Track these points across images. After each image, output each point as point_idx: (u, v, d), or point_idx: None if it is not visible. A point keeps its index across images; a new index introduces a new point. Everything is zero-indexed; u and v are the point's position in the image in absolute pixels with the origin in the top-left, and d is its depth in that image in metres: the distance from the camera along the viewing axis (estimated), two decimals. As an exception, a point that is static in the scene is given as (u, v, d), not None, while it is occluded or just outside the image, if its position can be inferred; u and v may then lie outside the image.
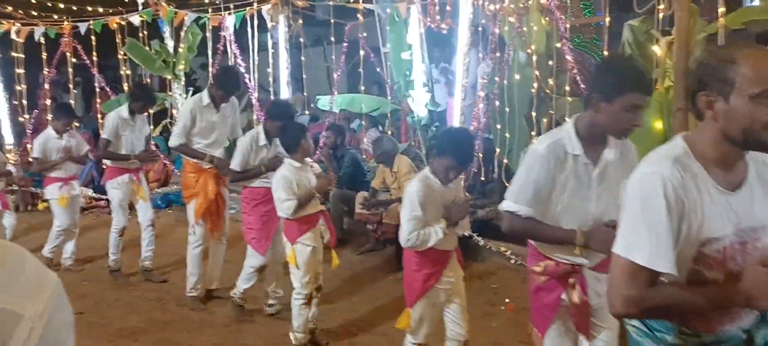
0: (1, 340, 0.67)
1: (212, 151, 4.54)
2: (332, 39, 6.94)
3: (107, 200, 7.86)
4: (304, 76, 7.33)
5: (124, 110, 5.01)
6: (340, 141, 6.42)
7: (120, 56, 8.10)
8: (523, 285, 4.86)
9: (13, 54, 8.10)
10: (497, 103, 5.20)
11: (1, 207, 6.01)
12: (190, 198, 4.60)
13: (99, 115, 8.49)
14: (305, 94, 7.73)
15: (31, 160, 5.74)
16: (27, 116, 8.38)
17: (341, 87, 9.32)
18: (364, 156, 7.36)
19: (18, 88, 8.24)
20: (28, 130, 8.46)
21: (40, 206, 8.53)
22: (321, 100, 7.59)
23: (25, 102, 8.35)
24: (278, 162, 4.03)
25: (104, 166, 5.76)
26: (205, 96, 4.55)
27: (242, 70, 7.13)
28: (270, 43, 7.03)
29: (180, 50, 7.60)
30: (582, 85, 4.95)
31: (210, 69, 7.73)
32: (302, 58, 7.22)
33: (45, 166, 5.50)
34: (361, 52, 7.00)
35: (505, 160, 5.58)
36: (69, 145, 5.55)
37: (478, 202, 5.91)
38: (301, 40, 7.07)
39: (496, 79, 5.24)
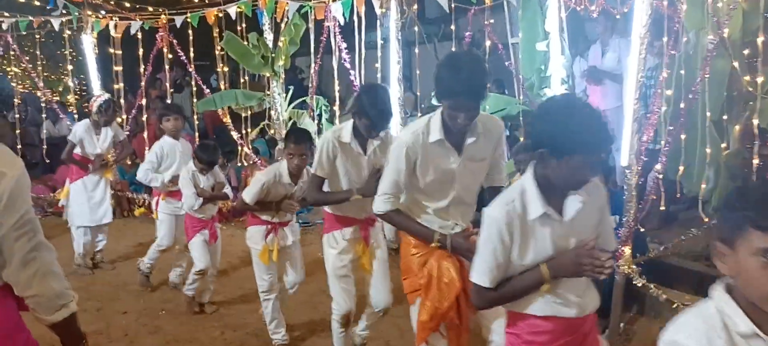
0: None
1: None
2: (452, 27, 5.83)
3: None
4: (417, 71, 6.27)
5: (344, 131, 3.17)
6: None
7: (217, 52, 7.44)
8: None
9: (111, 50, 7.67)
10: (681, 105, 3.86)
11: (209, 238, 4.56)
12: (414, 294, 2.71)
13: (195, 116, 7.93)
14: (418, 93, 6.69)
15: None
16: (124, 117, 7.94)
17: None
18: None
19: (115, 86, 7.80)
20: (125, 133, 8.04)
21: (137, 211, 8.12)
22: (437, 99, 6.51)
23: (122, 102, 7.90)
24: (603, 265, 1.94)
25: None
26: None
27: (347, 66, 6.21)
28: (379, 32, 6.01)
29: (280, 44, 6.79)
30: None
31: (313, 66, 6.86)
32: (416, 50, 6.16)
33: (247, 207, 3.84)
34: (487, 43, 5.84)
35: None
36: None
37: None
38: (416, 29, 6.00)
39: (683, 71, 3.91)
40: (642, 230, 4.04)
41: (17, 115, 8.58)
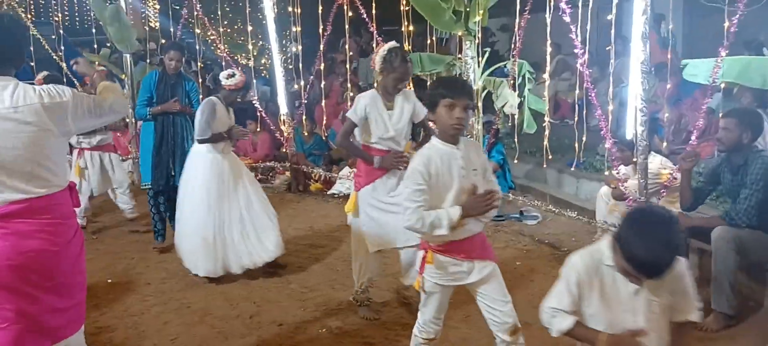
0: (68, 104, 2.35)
1: None
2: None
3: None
4: (670, 26, 4.59)
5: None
6: (747, 138, 3.62)
7: (402, 7, 6.38)
8: None
9: (290, 9, 7.00)
10: None
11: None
12: None
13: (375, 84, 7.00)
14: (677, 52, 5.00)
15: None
16: (301, 83, 7.27)
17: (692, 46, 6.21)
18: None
19: (294, 49, 7.14)
20: (303, 101, 7.39)
21: (313, 186, 7.50)
22: (689, 67, 4.81)
23: (300, 66, 7.22)
24: None
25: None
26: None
27: (567, 20, 4.74)
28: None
29: (477, -5, 5.50)
30: None
31: (518, 21, 5.49)
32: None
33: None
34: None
35: None
36: None
37: None
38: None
39: None
40: None
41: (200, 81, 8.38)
